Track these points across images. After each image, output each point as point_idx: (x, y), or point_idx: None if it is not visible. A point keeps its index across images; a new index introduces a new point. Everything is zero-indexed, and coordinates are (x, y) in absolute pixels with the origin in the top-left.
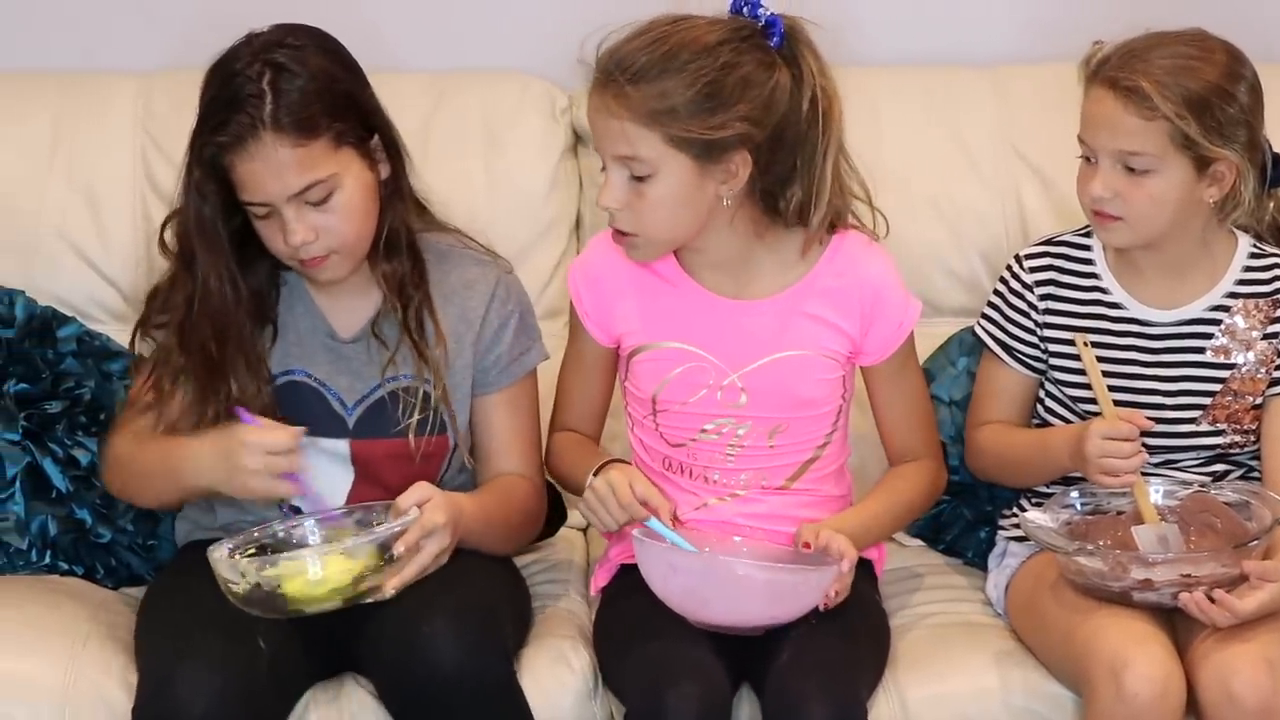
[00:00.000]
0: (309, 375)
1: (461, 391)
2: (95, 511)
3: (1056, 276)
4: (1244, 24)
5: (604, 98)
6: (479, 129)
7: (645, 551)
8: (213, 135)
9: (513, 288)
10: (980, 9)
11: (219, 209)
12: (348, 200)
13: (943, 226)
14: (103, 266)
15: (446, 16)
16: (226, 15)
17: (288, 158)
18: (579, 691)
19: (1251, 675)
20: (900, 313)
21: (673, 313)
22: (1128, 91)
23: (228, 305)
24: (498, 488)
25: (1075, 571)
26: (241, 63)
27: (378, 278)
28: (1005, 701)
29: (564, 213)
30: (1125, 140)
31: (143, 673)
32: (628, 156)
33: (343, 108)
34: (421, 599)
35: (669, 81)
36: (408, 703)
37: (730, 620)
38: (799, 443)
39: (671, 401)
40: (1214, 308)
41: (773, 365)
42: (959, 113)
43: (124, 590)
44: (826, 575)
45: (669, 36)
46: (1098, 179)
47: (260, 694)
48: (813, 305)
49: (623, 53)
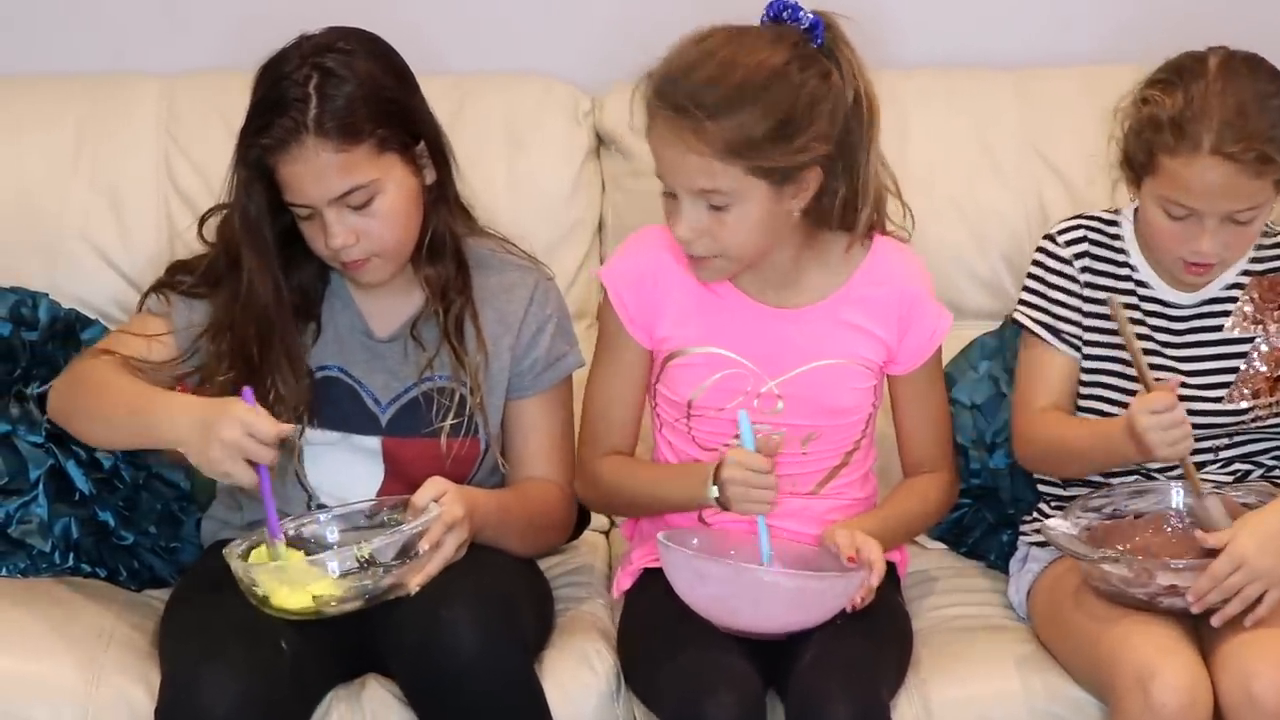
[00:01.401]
0: (345, 372)
1: (496, 395)
2: (118, 514)
3: (1091, 249)
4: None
5: (679, 132)
6: (502, 131)
7: (671, 559)
8: (257, 137)
9: (551, 293)
10: (1004, 11)
11: (265, 208)
12: (390, 205)
13: (965, 228)
14: (126, 269)
15: (474, 19)
16: (252, 18)
17: (330, 162)
18: (602, 693)
19: (1273, 677)
20: (934, 323)
21: (713, 318)
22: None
23: (270, 305)
24: (521, 489)
25: (1099, 579)
26: (290, 65)
27: (421, 281)
28: (1028, 705)
29: (587, 215)
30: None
31: (165, 675)
32: (707, 190)
33: (388, 114)
34: (441, 587)
35: (745, 114)
36: (427, 689)
37: (758, 626)
38: (830, 449)
39: (707, 407)
40: (1231, 285)
41: (811, 373)
42: (982, 115)
43: (147, 592)
44: (853, 581)
45: (734, 63)
46: (1206, 238)
47: (283, 696)
48: (851, 313)
49: (693, 84)
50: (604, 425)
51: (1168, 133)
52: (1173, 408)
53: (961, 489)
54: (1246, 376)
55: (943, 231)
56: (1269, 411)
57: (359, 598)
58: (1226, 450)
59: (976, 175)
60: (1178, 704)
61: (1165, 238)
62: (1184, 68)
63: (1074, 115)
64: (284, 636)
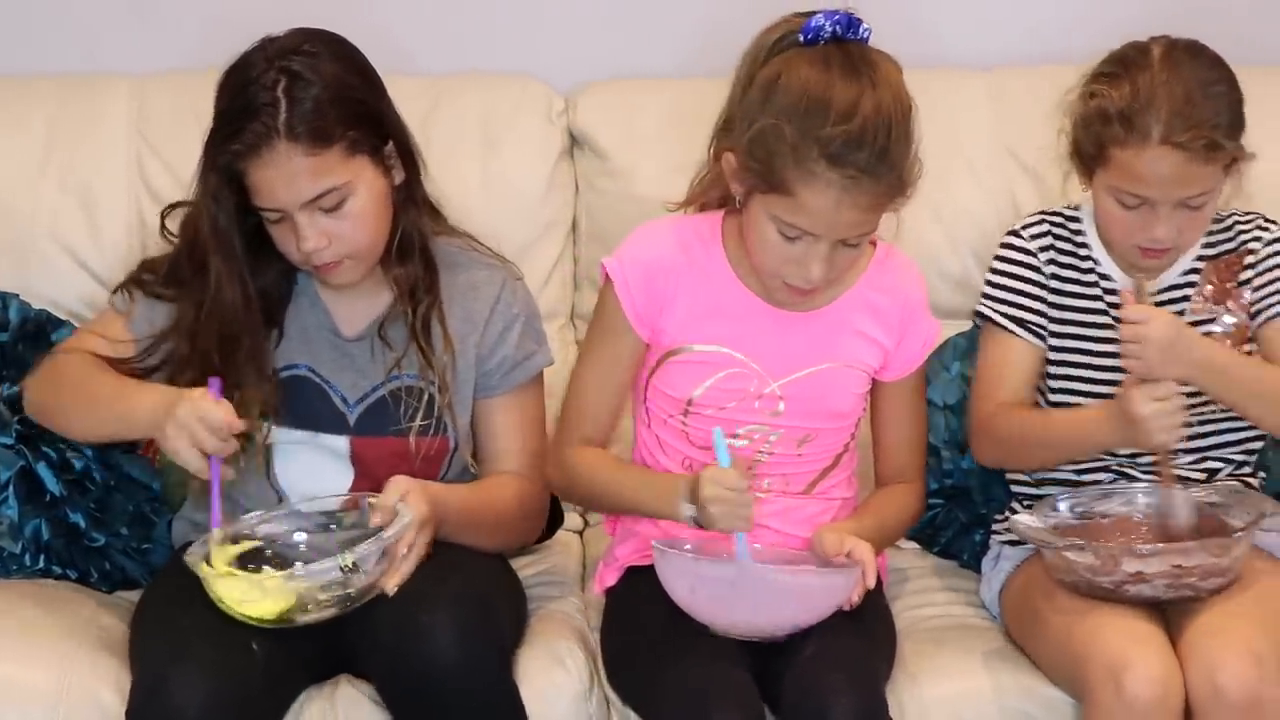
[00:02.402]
0: (313, 370)
1: (463, 393)
2: (89, 515)
3: (1055, 243)
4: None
5: (872, 194)
6: (476, 131)
7: (668, 563)
8: (227, 143)
9: (519, 292)
10: (976, 12)
11: (234, 214)
12: (360, 207)
13: (938, 228)
14: (97, 269)
15: (446, 19)
16: (223, 18)
17: (301, 166)
18: (575, 692)
19: (1238, 668)
20: (926, 332)
21: (722, 317)
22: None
23: (239, 312)
24: (486, 485)
25: (1066, 570)
26: (256, 70)
27: (390, 281)
28: (1000, 703)
29: (560, 215)
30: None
31: (136, 676)
32: (864, 234)
33: (357, 115)
34: (419, 590)
35: (905, 158)
36: (404, 692)
37: (756, 626)
38: (823, 451)
39: (707, 405)
40: (1188, 271)
41: (814, 377)
42: (954, 115)
43: (118, 594)
44: (850, 578)
45: (886, 111)
46: (1160, 225)
47: (254, 697)
48: (857, 319)
49: (882, 148)
50: (584, 413)
51: (1117, 125)
52: (1172, 395)
53: (934, 489)
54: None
55: (915, 231)
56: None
57: (337, 605)
58: (1197, 440)
59: (949, 175)
60: (1150, 695)
61: (1119, 227)
62: (1128, 59)
63: (1046, 115)
64: (255, 638)
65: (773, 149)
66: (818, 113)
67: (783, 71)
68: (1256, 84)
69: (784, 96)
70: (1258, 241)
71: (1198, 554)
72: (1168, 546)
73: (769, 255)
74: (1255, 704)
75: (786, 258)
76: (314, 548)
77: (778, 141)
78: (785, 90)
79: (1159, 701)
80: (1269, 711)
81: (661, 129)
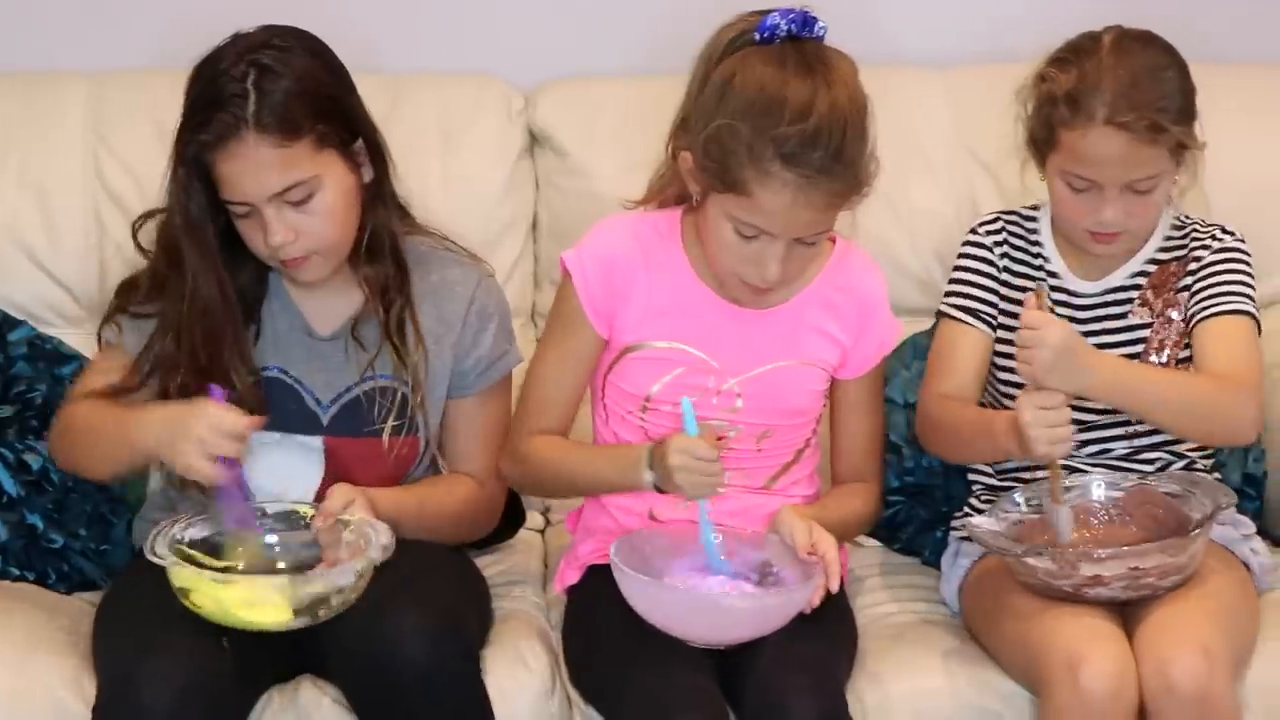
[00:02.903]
0: (285, 372)
1: (436, 393)
2: (47, 516)
3: (1010, 239)
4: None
5: (828, 193)
6: (435, 130)
7: (626, 582)
8: (196, 133)
9: (494, 291)
10: (933, 11)
11: (205, 207)
12: (328, 202)
13: (897, 226)
14: (54, 269)
15: (406, 17)
16: (182, 17)
17: (269, 158)
18: (537, 691)
19: (1189, 664)
20: (884, 331)
21: (680, 313)
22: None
23: (216, 305)
24: (437, 486)
25: (1026, 573)
26: (227, 62)
27: (360, 280)
28: (959, 699)
29: (520, 214)
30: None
31: (102, 673)
32: (820, 232)
33: (326, 110)
34: (387, 594)
35: (862, 156)
36: (372, 697)
37: (715, 640)
38: (783, 447)
39: (665, 401)
40: (1136, 274)
41: (772, 374)
42: (913, 113)
43: (77, 595)
44: (807, 590)
45: (840, 110)
46: (1108, 207)
47: (225, 692)
48: (816, 316)
49: (837, 147)
50: (541, 406)
51: (1064, 106)
52: (1060, 406)
53: (895, 486)
54: (1146, 355)
55: (875, 229)
56: None
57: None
58: (1141, 438)
59: (908, 173)
60: (1105, 690)
61: (1069, 210)
62: (1079, 46)
63: (1005, 114)
64: (224, 633)
65: (728, 149)
66: (772, 112)
67: (737, 71)
68: (1212, 81)
69: (739, 96)
70: (1205, 250)
71: (1155, 555)
72: (1125, 550)
73: (726, 254)
74: (1206, 699)
75: (743, 257)
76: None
77: (733, 141)
78: (740, 90)
79: (1114, 695)
80: (1219, 706)
81: (621, 127)
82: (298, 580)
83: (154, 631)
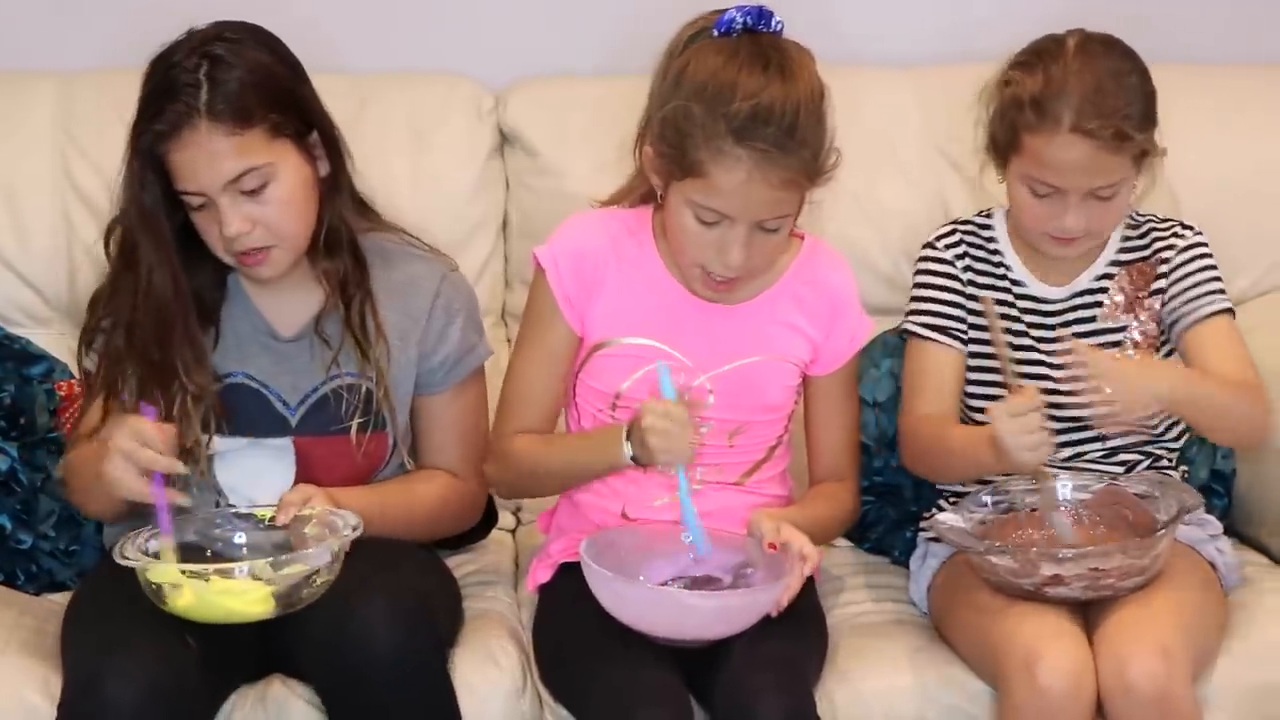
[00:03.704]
0: (250, 377)
1: (403, 390)
2: (15, 517)
3: (970, 250)
4: (1141, 21)
5: (783, 170)
6: (405, 129)
7: (593, 578)
8: (150, 123)
9: (459, 285)
10: (901, 11)
11: (159, 200)
12: (284, 192)
13: (867, 225)
14: (22, 269)
15: (375, 17)
16: (151, 16)
17: (222, 145)
18: (508, 690)
19: (1147, 664)
20: (855, 326)
21: (650, 309)
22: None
23: (169, 299)
24: (408, 483)
25: (989, 571)
26: (179, 55)
27: (319, 275)
28: (928, 697)
29: (490, 213)
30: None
31: (68, 671)
32: (781, 216)
33: (279, 100)
34: (357, 584)
35: (817, 139)
36: (340, 686)
37: (681, 639)
38: (755, 443)
39: (634, 398)
40: (1100, 277)
41: (743, 369)
42: (883, 113)
43: (46, 596)
44: (773, 590)
45: (794, 92)
46: (1070, 214)
47: (191, 691)
48: (785, 312)
49: (790, 124)
50: (521, 404)
51: (1029, 111)
52: (1032, 412)
53: (865, 486)
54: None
55: (845, 228)
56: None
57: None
58: (1116, 439)
59: (878, 173)
60: (1062, 687)
61: (1031, 216)
62: (1043, 50)
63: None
64: (190, 632)
65: (683, 130)
66: (724, 92)
67: (692, 60)
68: (1172, 81)
69: (691, 80)
70: (1171, 250)
71: (1117, 556)
72: (1086, 550)
73: (688, 243)
74: (1164, 699)
75: (705, 243)
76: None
77: (687, 122)
78: (693, 75)
79: (1071, 693)
80: (1177, 707)
81: (591, 126)
82: (278, 563)
83: (120, 629)
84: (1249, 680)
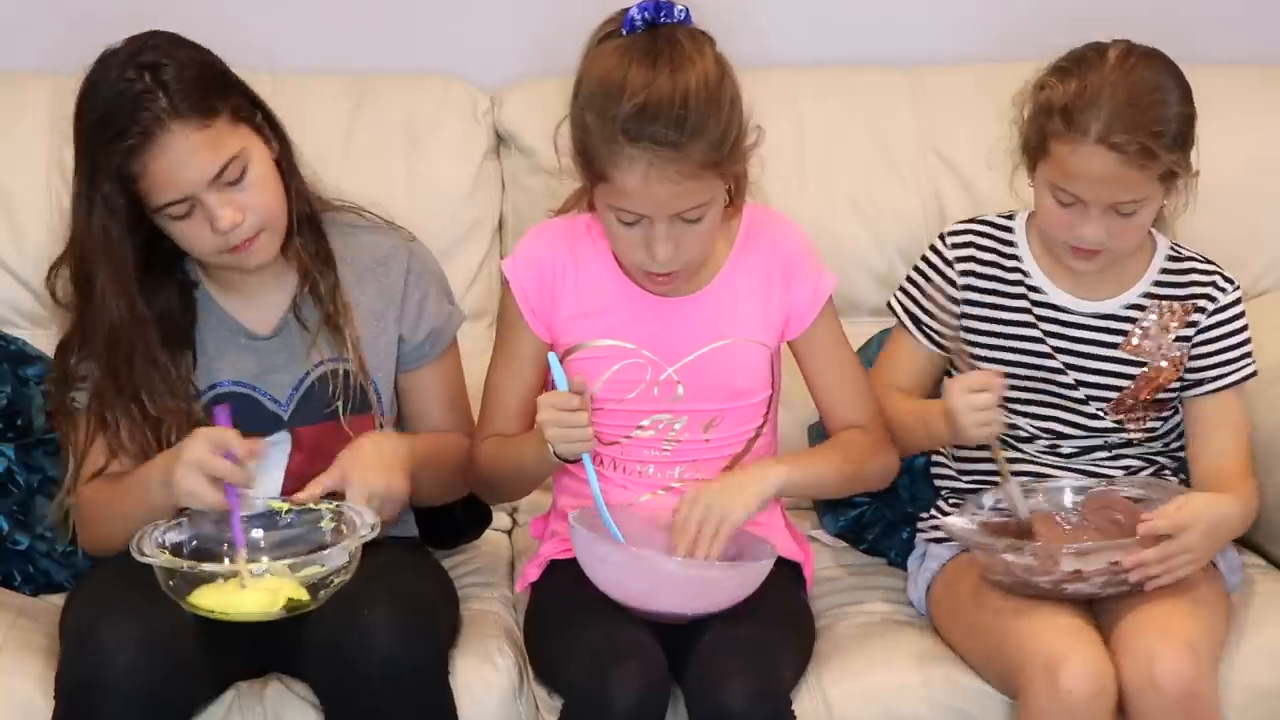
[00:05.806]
0: (237, 382)
1: (385, 368)
2: (12, 518)
3: (976, 254)
4: (1141, 21)
5: (679, 165)
6: (400, 131)
7: (577, 539)
8: (115, 143)
9: (424, 257)
10: (899, 10)
11: (126, 224)
12: (260, 174)
13: (863, 226)
14: (18, 270)
15: (369, 18)
16: (151, 19)
17: (197, 141)
18: (504, 690)
19: (1174, 662)
20: (814, 279)
21: (610, 310)
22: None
23: (127, 326)
24: (440, 438)
25: (1002, 571)
26: (114, 74)
27: (291, 256)
28: (928, 698)
29: (486, 214)
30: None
31: (65, 637)
32: (696, 206)
33: (225, 86)
34: (359, 588)
35: (715, 126)
36: (339, 688)
37: (654, 610)
38: (732, 436)
39: (608, 399)
40: (1131, 305)
41: (707, 356)
42: (879, 113)
43: (42, 598)
44: (754, 571)
45: (683, 84)
46: (1089, 225)
47: (189, 661)
48: (741, 287)
49: (679, 117)
50: (494, 414)
51: (1058, 118)
52: (988, 389)
53: None
54: (1124, 398)
55: (840, 228)
56: (1141, 433)
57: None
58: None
59: (873, 173)
60: (1085, 690)
61: (1052, 222)
62: (1084, 57)
63: (969, 113)
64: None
65: (584, 138)
66: (612, 94)
67: (590, 63)
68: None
69: (587, 85)
70: (1210, 301)
71: (1136, 551)
72: (1107, 544)
73: (621, 245)
74: (1191, 696)
75: (633, 243)
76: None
77: (584, 131)
78: (586, 81)
79: (1093, 696)
80: (1203, 705)
81: None
82: (296, 565)
83: (119, 592)
84: (1249, 680)
